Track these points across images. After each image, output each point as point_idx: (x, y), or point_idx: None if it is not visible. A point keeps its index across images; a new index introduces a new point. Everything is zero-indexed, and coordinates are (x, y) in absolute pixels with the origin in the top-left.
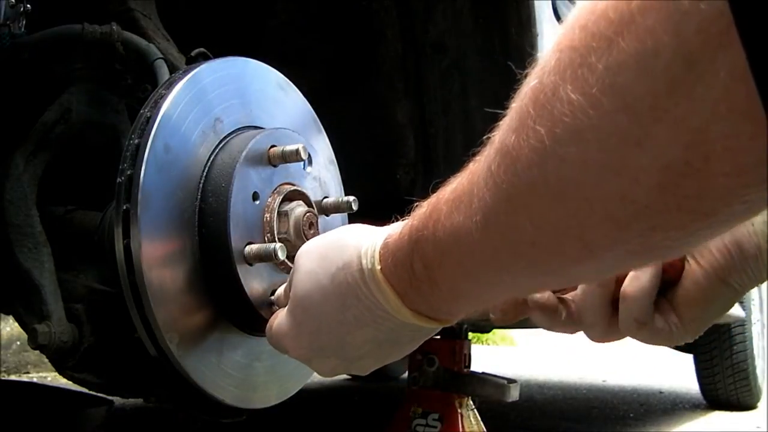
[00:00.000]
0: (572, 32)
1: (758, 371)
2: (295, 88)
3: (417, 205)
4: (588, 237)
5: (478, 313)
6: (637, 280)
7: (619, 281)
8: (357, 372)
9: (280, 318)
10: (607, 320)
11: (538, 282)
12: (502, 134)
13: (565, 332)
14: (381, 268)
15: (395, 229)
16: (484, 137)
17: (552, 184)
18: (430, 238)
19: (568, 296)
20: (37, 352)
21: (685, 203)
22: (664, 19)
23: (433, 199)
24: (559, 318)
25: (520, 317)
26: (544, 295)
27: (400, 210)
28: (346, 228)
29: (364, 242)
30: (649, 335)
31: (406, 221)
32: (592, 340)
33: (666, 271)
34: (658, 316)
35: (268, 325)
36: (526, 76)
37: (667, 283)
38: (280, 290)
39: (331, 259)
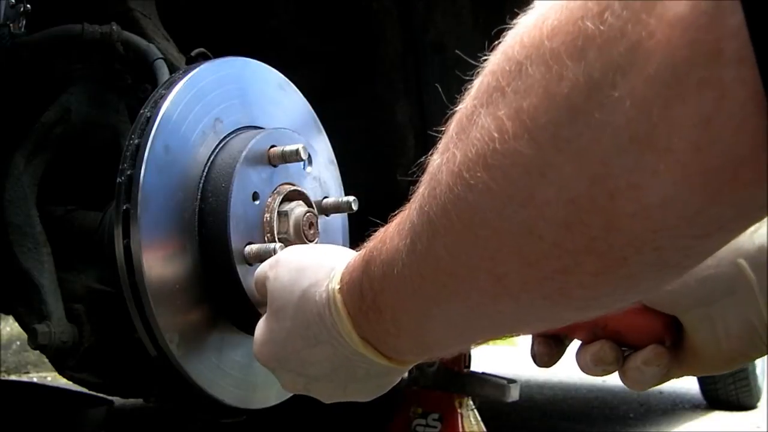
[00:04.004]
0: (496, 56)
1: (758, 371)
2: (295, 88)
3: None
4: (499, 271)
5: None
6: (640, 372)
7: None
8: (318, 396)
9: (258, 324)
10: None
11: (469, 321)
12: (433, 157)
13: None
14: (339, 288)
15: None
16: (423, 158)
17: (461, 210)
18: (377, 259)
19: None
20: (37, 352)
21: (593, 245)
22: (570, 42)
23: (391, 220)
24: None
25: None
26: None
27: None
28: (330, 248)
29: (339, 264)
30: None
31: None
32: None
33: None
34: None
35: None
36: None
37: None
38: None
39: (306, 275)
